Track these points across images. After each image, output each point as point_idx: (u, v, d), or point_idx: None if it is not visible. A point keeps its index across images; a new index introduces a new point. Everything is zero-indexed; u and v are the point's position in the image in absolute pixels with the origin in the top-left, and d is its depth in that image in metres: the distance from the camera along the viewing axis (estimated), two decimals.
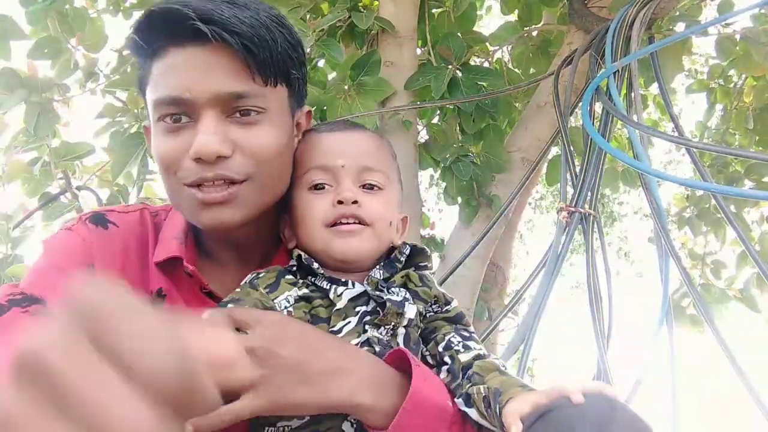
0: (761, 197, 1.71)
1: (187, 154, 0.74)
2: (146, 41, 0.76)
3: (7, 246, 1.72)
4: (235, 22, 0.73)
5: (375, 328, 0.75)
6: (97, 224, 0.83)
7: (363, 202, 0.78)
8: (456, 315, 0.80)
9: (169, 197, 0.81)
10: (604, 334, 1.51)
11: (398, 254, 0.83)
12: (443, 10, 2.30)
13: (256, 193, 0.77)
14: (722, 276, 2.90)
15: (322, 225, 0.78)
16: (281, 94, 0.81)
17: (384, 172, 0.82)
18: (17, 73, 1.78)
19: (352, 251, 0.78)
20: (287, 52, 0.79)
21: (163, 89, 0.75)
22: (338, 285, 0.77)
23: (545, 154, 2.09)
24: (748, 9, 1.79)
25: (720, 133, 2.96)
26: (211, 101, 0.74)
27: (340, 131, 0.85)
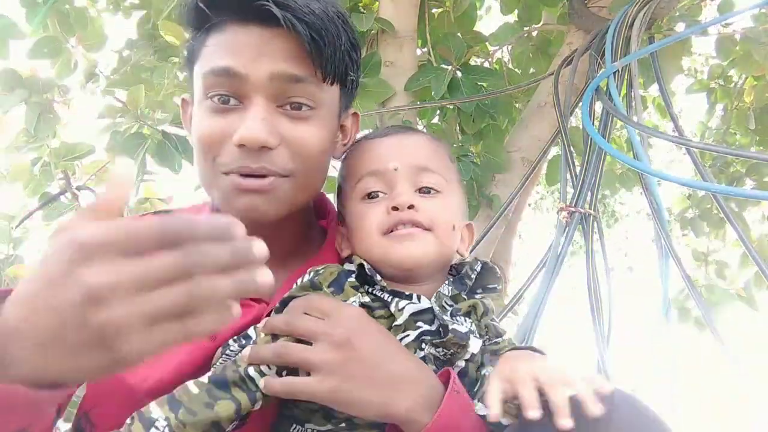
0: (762, 197, 1.71)
1: (230, 138, 0.72)
2: (205, 14, 0.73)
3: (8, 246, 1.72)
4: (307, 11, 0.71)
5: (433, 347, 0.71)
6: None
7: (420, 207, 0.73)
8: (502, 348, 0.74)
9: (203, 183, 0.78)
10: (604, 334, 1.51)
11: (469, 270, 0.77)
12: (443, 10, 2.30)
13: (294, 191, 0.75)
14: (726, 276, 2.89)
15: (378, 233, 0.73)
16: (334, 94, 0.79)
17: (441, 175, 0.76)
18: (17, 74, 1.78)
19: (411, 257, 0.72)
20: (349, 51, 0.77)
21: (218, 60, 0.72)
22: (401, 298, 0.72)
23: (545, 154, 2.09)
24: (748, 9, 1.79)
25: (720, 133, 2.96)
26: (265, 84, 0.72)
27: (391, 135, 0.80)
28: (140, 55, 2.15)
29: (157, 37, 2.14)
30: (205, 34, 0.75)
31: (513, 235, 2.43)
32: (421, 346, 0.71)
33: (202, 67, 0.75)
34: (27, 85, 1.78)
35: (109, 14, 2.33)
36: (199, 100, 0.76)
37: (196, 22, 0.76)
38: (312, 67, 0.73)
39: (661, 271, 1.72)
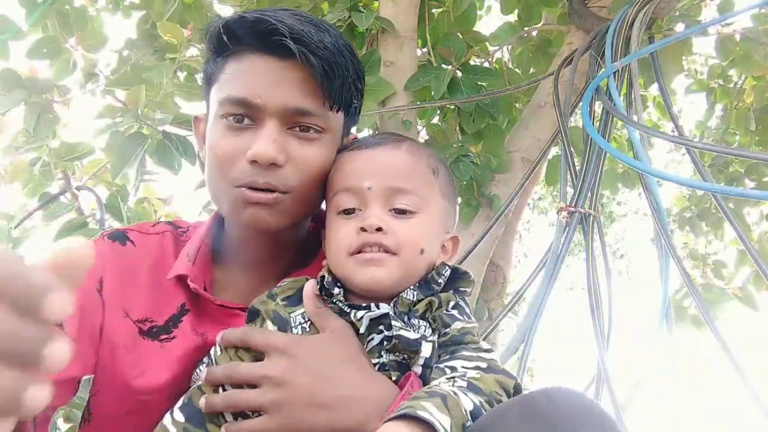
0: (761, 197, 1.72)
1: (243, 155, 0.78)
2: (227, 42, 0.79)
3: (8, 246, 1.72)
4: (321, 46, 0.77)
5: (391, 353, 0.73)
6: (115, 240, 0.88)
7: (390, 229, 0.73)
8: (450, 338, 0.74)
9: (213, 195, 0.85)
10: (604, 334, 1.51)
11: (435, 275, 0.77)
12: (443, 10, 2.30)
13: (295, 206, 0.81)
14: (723, 276, 2.90)
15: (345, 253, 0.74)
16: (339, 120, 0.85)
17: (418, 194, 0.76)
18: (17, 74, 1.78)
19: (374, 282, 0.73)
20: (355, 82, 0.84)
21: (236, 90, 0.79)
22: (358, 309, 0.74)
23: (545, 154, 2.09)
24: (748, 9, 1.79)
25: (720, 133, 2.96)
26: (278, 111, 0.78)
27: (370, 148, 0.80)
28: (140, 55, 2.15)
29: (156, 37, 2.14)
30: (224, 60, 0.82)
31: (513, 235, 2.43)
32: (380, 353, 0.73)
33: (219, 92, 0.81)
34: (26, 85, 1.77)
35: (109, 14, 2.33)
36: (214, 118, 0.83)
37: (217, 48, 0.82)
38: (322, 98, 0.80)
39: (661, 271, 1.72)
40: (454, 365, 0.70)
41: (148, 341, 0.83)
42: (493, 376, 0.69)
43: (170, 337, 0.84)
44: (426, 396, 0.62)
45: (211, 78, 0.84)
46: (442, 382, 0.67)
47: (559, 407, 0.58)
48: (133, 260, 0.86)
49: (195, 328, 0.84)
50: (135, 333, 0.83)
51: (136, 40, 2.26)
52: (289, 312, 0.77)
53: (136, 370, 0.82)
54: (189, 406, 0.75)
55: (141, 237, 0.89)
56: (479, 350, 0.73)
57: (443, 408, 0.60)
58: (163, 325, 0.84)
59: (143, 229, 0.91)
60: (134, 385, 0.81)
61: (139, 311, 0.84)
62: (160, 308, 0.85)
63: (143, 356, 0.82)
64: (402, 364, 0.73)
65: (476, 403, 0.64)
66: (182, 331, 0.84)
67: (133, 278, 0.85)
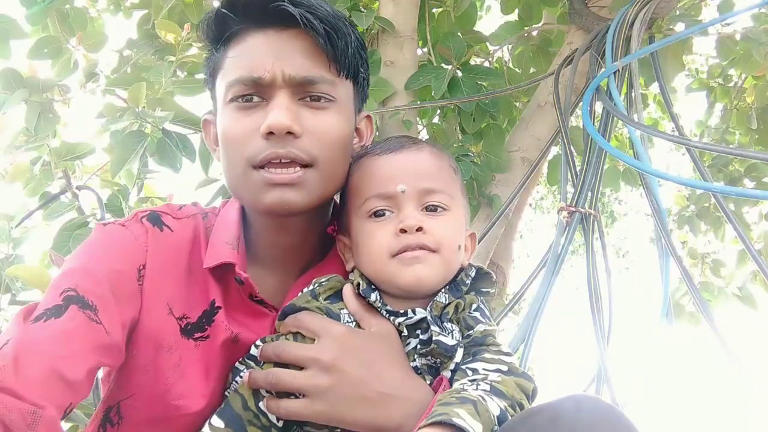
0: (761, 197, 1.72)
1: (257, 133, 0.75)
2: (224, 25, 0.78)
3: (8, 246, 1.71)
4: (320, 9, 0.76)
5: (424, 357, 0.74)
6: (154, 224, 0.82)
7: (428, 228, 0.74)
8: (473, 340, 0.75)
9: (230, 183, 0.80)
10: (604, 333, 1.51)
11: (464, 277, 0.79)
12: (443, 9, 2.30)
13: (320, 181, 0.77)
14: (722, 274, 2.90)
15: (387, 255, 0.75)
16: (349, 89, 0.83)
17: (447, 192, 0.78)
18: (18, 73, 1.78)
19: (419, 280, 0.74)
20: (358, 49, 0.82)
21: (240, 70, 0.76)
22: (396, 316, 0.75)
23: (545, 154, 2.09)
24: (748, 9, 1.79)
25: (720, 133, 2.96)
26: (286, 82, 0.76)
27: (396, 152, 0.80)
28: (140, 54, 2.15)
29: (157, 36, 2.14)
30: (226, 46, 0.80)
31: (513, 235, 2.43)
32: (414, 357, 0.74)
33: (225, 77, 0.79)
34: (27, 85, 1.77)
35: (110, 14, 2.33)
36: (222, 106, 0.80)
37: (217, 33, 0.80)
38: (327, 62, 0.77)
39: (661, 271, 1.72)
40: (475, 367, 0.71)
41: (185, 340, 0.79)
42: (513, 379, 0.70)
43: (204, 336, 0.80)
44: (458, 402, 0.63)
45: (215, 69, 0.82)
46: (466, 385, 0.68)
47: (586, 416, 0.59)
48: (173, 249, 0.81)
49: (229, 328, 0.80)
50: (177, 332, 0.79)
51: (137, 40, 2.26)
52: (338, 308, 0.77)
53: (177, 372, 0.78)
54: (227, 410, 0.74)
55: (175, 222, 0.84)
56: (500, 353, 0.74)
57: (475, 414, 0.61)
58: (197, 322, 0.80)
59: (174, 213, 0.85)
60: (174, 389, 0.77)
61: (180, 307, 0.80)
62: (192, 302, 0.80)
63: (183, 357, 0.78)
64: (432, 367, 0.74)
65: (501, 407, 0.65)
66: (215, 330, 0.80)
67: (173, 269, 0.80)
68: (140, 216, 0.82)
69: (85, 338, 0.69)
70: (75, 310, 0.69)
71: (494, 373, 0.70)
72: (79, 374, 0.67)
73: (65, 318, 0.69)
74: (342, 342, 0.71)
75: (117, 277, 0.75)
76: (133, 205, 1.90)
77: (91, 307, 0.71)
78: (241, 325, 0.81)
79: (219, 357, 0.79)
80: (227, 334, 0.79)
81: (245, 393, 0.74)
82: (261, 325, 0.82)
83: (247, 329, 0.81)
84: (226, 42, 0.79)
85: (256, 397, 0.73)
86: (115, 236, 0.79)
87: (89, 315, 0.70)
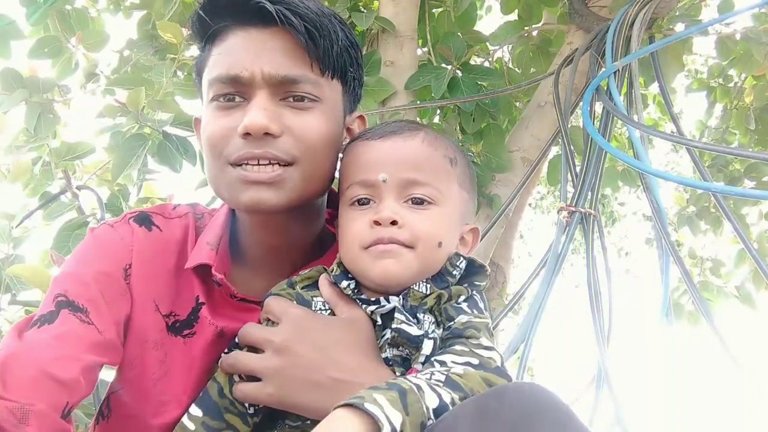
0: (761, 196, 1.72)
1: (235, 132, 0.74)
2: (208, 22, 0.78)
3: (8, 245, 1.71)
4: (302, 6, 0.74)
5: (394, 348, 0.71)
6: (141, 224, 0.83)
7: (406, 222, 0.71)
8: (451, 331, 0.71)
9: (211, 181, 0.80)
10: (604, 333, 1.51)
11: (449, 266, 0.74)
12: (443, 9, 2.30)
13: (300, 181, 0.76)
14: (721, 274, 2.91)
15: (359, 247, 0.72)
16: (336, 89, 0.81)
17: (434, 185, 0.73)
18: (18, 74, 1.78)
19: (387, 275, 0.71)
20: (347, 48, 0.80)
21: (221, 68, 0.76)
22: (368, 304, 0.73)
23: (545, 154, 2.09)
24: (748, 9, 1.79)
25: (720, 132, 2.96)
26: (266, 81, 0.75)
27: (384, 138, 0.76)
28: (140, 55, 2.15)
29: (157, 37, 2.14)
30: (210, 45, 0.79)
31: (513, 235, 2.43)
32: (384, 347, 0.72)
33: (208, 75, 0.78)
34: (27, 85, 1.77)
35: (110, 14, 2.33)
36: (205, 105, 0.80)
37: (201, 31, 0.80)
38: (309, 62, 0.76)
39: (661, 271, 1.73)
40: (443, 360, 0.67)
41: (172, 337, 0.80)
42: (480, 374, 0.65)
43: (192, 332, 0.81)
44: (385, 387, 0.59)
45: (201, 68, 0.81)
46: (421, 374, 0.64)
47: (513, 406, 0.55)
48: (160, 248, 0.82)
49: (214, 323, 0.81)
50: (163, 328, 0.80)
51: (137, 40, 2.26)
52: (312, 295, 0.76)
53: (162, 368, 0.79)
54: (205, 398, 0.74)
55: (165, 222, 0.85)
56: (478, 347, 0.68)
57: (397, 403, 0.57)
58: (186, 319, 0.81)
59: (165, 213, 0.86)
60: (158, 384, 0.79)
61: (166, 304, 0.81)
62: (180, 300, 0.82)
63: (169, 353, 0.80)
64: (406, 360, 0.71)
65: (446, 400, 0.60)
66: (201, 326, 0.81)
67: (160, 268, 0.81)
68: (128, 217, 0.84)
69: (79, 339, 0.71)
70: (66, 314, 0.72)
71: (461, 366, 0.65)
72: (72, 373, 0.68)
73: (57, 323, 0.71)
74: (297, 324, 0.70)
75: (105, 279, 0.77)
76: (133, 205, 1.90)
77: (81, 309, 0.73)
78: (227, 319, 0.81)
79: (206, 352, 0.80)
80: (212, 328, 0.80)
81: (221, 380, 0.74)
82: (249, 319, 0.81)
83: (234, 323, 0.81)
84: (210, 40, 0.79)
85: (231, 383, 0.73)
86: (102, 239, 0.81)
87: (80, 317, 0.72)
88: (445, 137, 0.80)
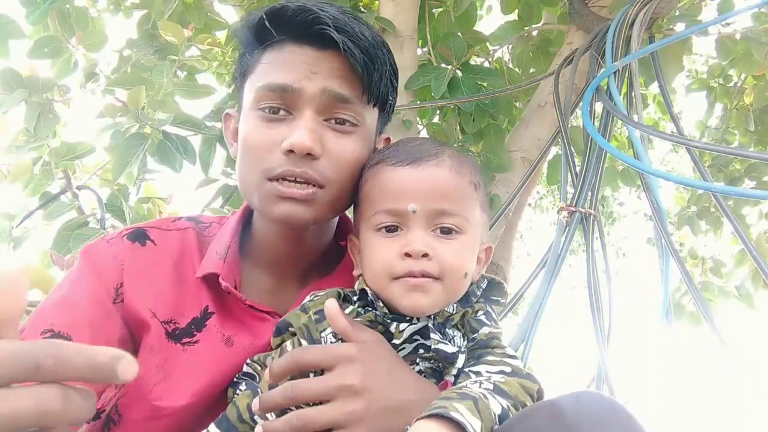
0: (761, 196, 1.72)
1: (278, 146, 0.76)
2: (266, 33, 0.78)
3: (9, 246, 1.72)
4: (362, 37, 0.77)
5: (426, 361, 0.74)
6: (135, 240, 0.85)
7: (435, 253, 0.71)
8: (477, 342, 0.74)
9: (243, 186, 0.82)
10: (604, 334, 1.51)
11: (475, 288, 0.79)
12: (443, 9, 2.30)
13: (328, 202, 0.79)
14: (722, 274, 2.91)
15: (389, 277, 0.72)
16: (375, 115, 0.84)
17: (462, 215, 0.73)
18: (18, 73, 1.78)
19: (418, 309, 0.72)
20: (391, 78, 0.83)
21: (272, 76, 0.77)
22: (401, 322, 0.73)
23: (545, 154, 2.09)
24: (748, 9, 1.79)
25: (720, 132, 2.96)
26: (316, 98, 0.76)
27: (413, 165, 0.74)
28: (140, 54, 2.15)
29: (157, 36, 2.14)
30: (261, 52, 0.80)
31: (513, 235, 2.43)
32: (416, 361, 0.74)
33: (256, 81, 0.79)
34: (27, 85, 1.77)
35: (110, 14, 2.33)
36: (248, 110, 0.80)
37: (255, 40, 0.81)
38: (360, 89, 0.78)
39: (661, 271, 1.72)
40: (479, 370, 0.70)
41: (172, 344, 0.81)
42: (517, 380, 0.69)
43: (192, 341, 0.81)
44: (458, 397, 0.62)
45: (247, 71, 0.82)
46: (470, 383, 0.67)
47: (585, 411, 0.58)
48: (155, 260, 0.84)
49: (222, 331, 0.82)
50: (162, 334, 0.81)
51: (137, 39, 2.26)
52: (320, 331, 0.75)
53: (160, 373, 0.80)
54: (224, 421, 0.74)
55: (162, 235, 0.87)
56: (504, 355, 0.73)
57: (474, 411, 0.60)
58: (185, 328, 0.82)
59: (163, 226, 0.88)
60: (155, 389, 0.79)
61: (165, 312, 0.82)
62: (182, 309, 0.83)
63: (168, 359, 0.80)
64: (436, 370, 0.74)
65: (504, 406, 0.64)
66: (207, 335, 0.82)
67: (155, 278, 0.83)
68: (123, 234, 0.86)
69: None
70: None
71: (497, 375, 0.69)
72: None
73: None
74: (360, 360, 0.69)
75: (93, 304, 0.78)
76: (134, 204, 1.90)
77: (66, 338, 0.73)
78: (236, 328, 0.83)
79: (211, 359, 0.81)
80: (219, 337, 0.82)
81: (241, 405, 0.74)
82: (258, 327, 0.83)
83: (243, 332, 0.82)
84: (263, 48, 0.80)
85: (250, 410, 0.73)
86: (94, 260, 0.82)
87: None
88: (468, 159, 0.80)
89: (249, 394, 0.75)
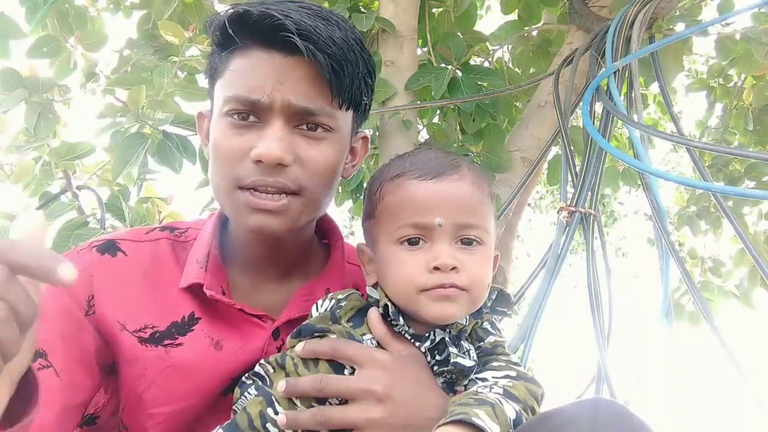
0: (761, 196, 1.72)
1: (248, 154, 0.75)
2: (232, 36, 0.76)
3: None
4: (329, 42, 0.74)
5: (440, 376, 0.75)
6: (104, 252, 0.84)
7: (462, 265, 0.73)
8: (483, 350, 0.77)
9: (217, 195, 0.81)
10: (604, 333, 1.51)
11: (486, 300, 0.80)
12: (443, 9, 2.30)
13: (303, 208, 0.78)
14: (721, 274, 2.91)
15: (416, 290, 0.73)
16: (348, 118, 0.82)
17: (483, 227, 0.76)
18: (18, 73, 1.78)
19: (446, 317, 0.73)
20: (365, 78, 0.81)
21: (240, 88, 0.75)
22: (421, 341, 0.75)
23: (545, 154, 2.09)
24: (748, 9, 1.79)
25: (720, 132, 2.96)
26: (284, 110, 0.75)
27: (436, 179, 0.75)
28: (140, 54, 2.14)
29: (157, 36, 2.14)
30: (229, 55, 0.78)
31: (513, 235, 2.43)
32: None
33: (224, 88, 0.78)
34: (27, 85, 1.77)
35: (109, 14, 2.33)
36: (218, 114, 0.79)
37: (221, 42, 0.79)
38: (330, 96, 0.76)
39: (661, 271, 1.73)
40: (485, 376, 0.72)
41: (151, 348, 0.80)
42: (523, 384, 0.71)
43: (175, 343, 0.81)
44: (476, 403, 0.64)
45: (215, 73, 0.81)
46: (481, 389, 0.69)
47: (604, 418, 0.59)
48: (125, 271, 0.83)
49: (210, 336, 0.82)
50: (134, 344, 0.80)
51: (137, 39, 2.26)
52: (361, 333, 0.77)
53: (144, 381, 0.79)
54: (233, 428, 0.74)
55: (133, 246, 0.85)
56: (509, 362, 0.75)
57: (493, 416, 0.62)
58: (166, 331, 0.81)
59: (136, 237, 0.87)
60: (145, 397, 0.79)
61: (136, 321, 0.81)
62: (160, 315, 0.82)
63: (148, 366, 0.80)
64: (448, 383, 0.75)
65: (516, 411, 0.66)
66: (192, 339, 0.81)
67: (125, 290, 0.82)
68: (93, 245, 0.84)
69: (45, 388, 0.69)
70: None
71: (503, 380, 0.71)
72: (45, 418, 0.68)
73: None
74: (390, 370, 0.70)
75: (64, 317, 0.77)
76: (134, 204, 1.90)
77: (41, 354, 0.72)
78: (226, 331, 0.83)
79: (198, 363, 0.80)
80: (208, 341, 0.81)
81: (253, 412, 0.74)
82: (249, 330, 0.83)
83: (233, 335, 0.82)
84: (232, 51, 0.78)
85: (262, 417, 0.73)
86: None
87: (40, 363, 0.72)
88: (481, 170, 0.82)
89: (261, 400, 0.74)
